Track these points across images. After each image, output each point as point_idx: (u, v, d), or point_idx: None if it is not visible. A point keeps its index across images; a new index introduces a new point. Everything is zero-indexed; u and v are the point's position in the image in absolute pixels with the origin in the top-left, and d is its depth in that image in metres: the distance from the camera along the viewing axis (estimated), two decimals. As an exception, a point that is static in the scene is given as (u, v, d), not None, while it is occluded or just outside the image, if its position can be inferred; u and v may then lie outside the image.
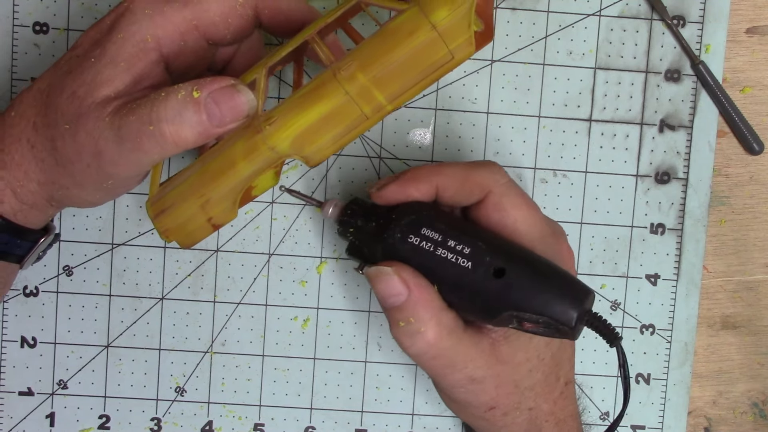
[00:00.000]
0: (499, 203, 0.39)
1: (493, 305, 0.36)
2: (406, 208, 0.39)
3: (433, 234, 0.37)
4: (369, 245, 0.40)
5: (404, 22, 0.35)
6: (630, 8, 0.48)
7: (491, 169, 0.39)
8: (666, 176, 0.49)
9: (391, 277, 0.37)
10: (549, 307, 0.36)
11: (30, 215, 0.40)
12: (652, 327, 0.49)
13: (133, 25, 0.37)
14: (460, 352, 0.38)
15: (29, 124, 0.38)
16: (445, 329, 0.37)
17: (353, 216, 0.40)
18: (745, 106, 0.49)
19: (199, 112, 0.35)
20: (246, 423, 0.50)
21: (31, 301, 0.48)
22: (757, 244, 0.50)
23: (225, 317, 0.49)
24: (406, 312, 0.37)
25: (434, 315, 0.37)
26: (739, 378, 0.51)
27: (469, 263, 0.37)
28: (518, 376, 0.39)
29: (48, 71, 0.39)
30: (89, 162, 0.37)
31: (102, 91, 0.36)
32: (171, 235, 0.40)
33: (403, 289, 0.37)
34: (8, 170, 0.38)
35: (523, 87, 0.48)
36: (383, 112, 0.36)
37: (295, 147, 0.37)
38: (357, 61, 0.35)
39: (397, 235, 0.38)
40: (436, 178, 0.39)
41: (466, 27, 0.34)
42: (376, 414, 0.50)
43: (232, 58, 0.42)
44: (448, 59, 0.35)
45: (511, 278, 0.36)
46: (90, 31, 0.38)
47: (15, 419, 0.49)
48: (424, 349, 0.37)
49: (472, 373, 0.38)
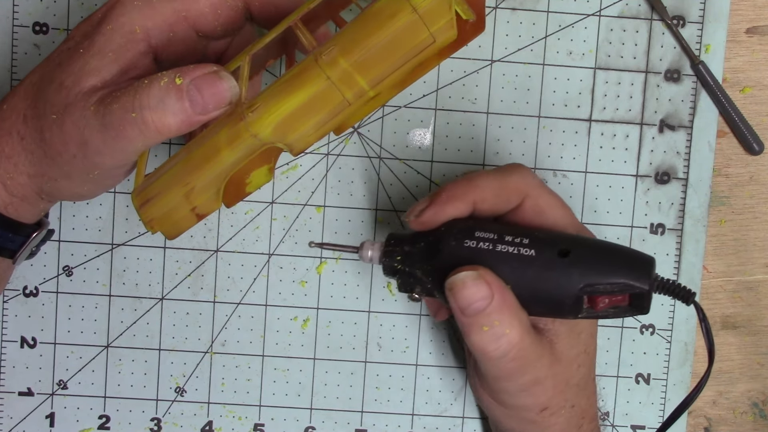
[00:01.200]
0: (536, 206, 0.39)
1: (566, 285, 0.36)
2: (451, 223, 0.38)
3: (488, 234, 0.37)
4: (423, 267, 0.39)
5: (385, 5, 0.34)
6: (630, 8, 0.48)
7: (523, 174, 0.39)
8: (666, 176, 0.49)
9: (477, 281, 0.36)
10: (621, 273, 0.36)
11: (21, 209, 0.40)
12: (652, 327, 0.49)
13: (122, 16, 0.37)
14: (533, 352, 0.38)
15: (20, 117, 0.38)
16: (525, 329, 0.37)
17: (397, 245, 0.40)
18: (745, 106, 0.49)
19: (181, 99, 0.35)
20: (246, 423, 0.50)
21: (31, 301, 0.48)
22: (757, 244, 0.50)
23: (225, 317, 0.49)
24: (492, 315, 0.36)
25: (516, 315, 0.37)
26: (739, 378, 0.51)
27: (532, 251, 0.37)
28: (570, 373, 0.40)
29: (40, 65, 0.39)
30: (75, 152, 0.37)
31: (89, 81, 0.36)
32: (156, 225, 0.39)
33: (489, 293, 0.36)
34: None
35: (523, 87, 0.48)
36: (366, 98, 0.36)
37: (278, 134, 0.36)
38: (338, 45, 0.35)
39: (452, 243, 0.37)
40: (471, 193, 0.38)
41: (446, 9, 0.34)
42: (376, 414, 0.50)
43: (225, 53, 0.42)
44: (430, 42, 0.34)
45: (578, 255, 0.36)
46: (81, 24, 0.39)
47: (15, 419, 0.49)
48: (508, 350, 0.37)
49: (538, 373, 0.38)
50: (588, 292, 0.36)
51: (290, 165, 0.48)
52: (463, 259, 0.37)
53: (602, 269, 0.36)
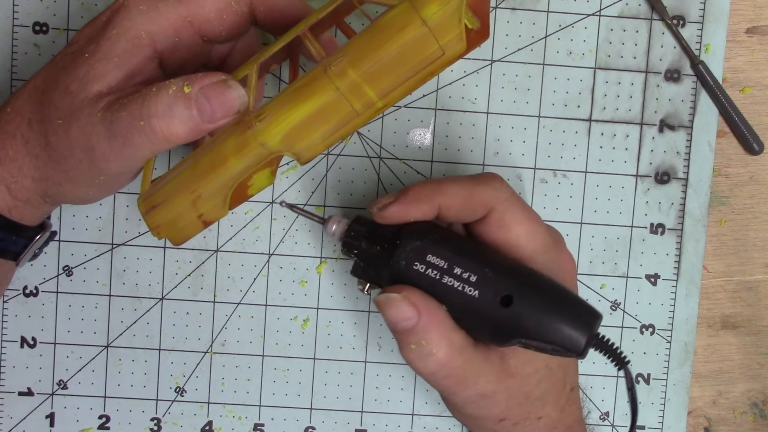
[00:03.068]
0: (501, 220, 0.38)
1: (501, 334, 0.37)
2: (411, 230, 0.38)
3: (439, 261, 0.37)
4: (375, 268, 0.39)
5: (395, 17, 0.34)
6: (630, 8, 0.48)
7: (493, 185, 0.39)
8: (666, 176, 0.49)
9: (401, 302, 0.37)
10: (557, 334, 0.36)
11: (25, 212, 0.40)
12: (652, 327, 0.49)
13: (127, 21, 0.37)
14: (470, 369, 0.38)
15: (24, 120, 0.38)
16: (455, 349, 0.37)
17: (356, 238, 0.40)
18: (745, 106, 0.49)
19: (189, 108, 0.35)
20: (246, 423, 0.50)
21: (31, 301, 0.48)
22: (757, 244, 0.50)
23: (225, 317, 0.49)
24: (418, 335, 0.37)
25: (444, 336, 0.37)
26: (739, 378, 0.51)
27: (476, 292, 0.36)
28: (527, 387, 0.39)
29: (44, 68, 0.39)
30: (81, 157, 0.37)
31: (94, 86, 0.36)
32: (162, 231, 0.39)
33: (414, 314, 0.36)
34: (2, 166, 0.38)
35: (523, 87, 0.48)
36: (374, 109, 0.36)
37: (286, 143, 0.37)
38: (347, 56, 0.35)
39: (402, 263, 0.37)
40: (438, 198, 0.38)
41: (456, 22, 0.34)
42: (376, 414, 0.50)
43: (228, 56, 0.42)
44: (439, 55, 0.35)
45: (519, 307, 0.36)
46: (86, 27, 0.38)
47: (15, 419, 0.49)
48: (435, 369, 0.37)
49: (483, 388, 0.38)
50: (522, 344, 0.37)
51: (290, 165, 0.48)
52: (409, 280, 0.37)
53: (540, 329, 0.36)
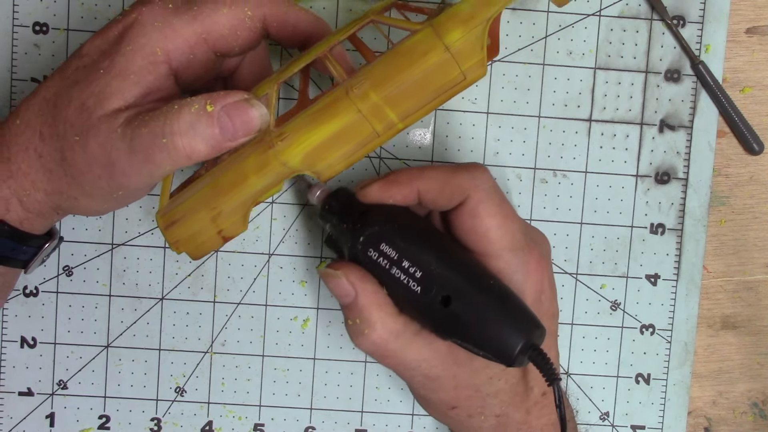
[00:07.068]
0: (474, 209, 0.38)
1: (440, 330, 0.37)
2: (377, 214, 0.38)
3: (391, 251, 0.37)
4: (341, 244, 0.40)
5: (418, 42, 0.36)
6: (630, 8, 0.48)
7: (473, 174, 0.39)
8: (666, 176, 0.49)
9: (340, 279, 0.38)
10: (490, 341, 0.36)
11: (36, 223, 0.40)
12: (652, 327, 0.49)
13: (142, 37, 0.36)
14: (410, 353, 0.38)
15: (35, 134, 0.38)
16: (391, 333, 0.37)
17: (330, 211, 0.40)
18: (745, 106, 0.49)
19: (212, 126, 0.35)
20: (246, 423, 0.50)
21: (31, 301, 0.48)
22: (757, 244, 0.50)
23: (225, 317, 0.49)
24: (354, 312, 0.38)
25: (380, 319, 0.37)
26: (739, 378, 0.51)
27: (418, 288, 0.37)
28: (478, 381, 0.39)
29: (53, 79, 0.38)
30: (100, 173, 0.37)
31: (112, 103, 0.36)
32: (181, 246, 0.40)
33: (351, 291, 0.37)
34: (15, 179, 0.38)
35: (523, 87, 0.48)
36: (395, 130, 0.37)
37: (307, 163, 0.37)
38: (370, 79, 0.36)
39: (358, 247, 0.38)
40: (417, 182, 0.38)
41: (479, 49, 0.35)
42: (376, 414, 0.50)
43: (238, 67, 0.42)
44: (461, 80, 0.36)
45: (457, 308, 0.36)
46: (96, 39, 0.38)
47: (15, 419, 0.49)
48: (370, 348, 0.38)
49: (426, 371, 0.38)
50: (456, 344, 0.37)
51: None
52: (363, 264, 0.38)
53: (473, 333, 0.36)
